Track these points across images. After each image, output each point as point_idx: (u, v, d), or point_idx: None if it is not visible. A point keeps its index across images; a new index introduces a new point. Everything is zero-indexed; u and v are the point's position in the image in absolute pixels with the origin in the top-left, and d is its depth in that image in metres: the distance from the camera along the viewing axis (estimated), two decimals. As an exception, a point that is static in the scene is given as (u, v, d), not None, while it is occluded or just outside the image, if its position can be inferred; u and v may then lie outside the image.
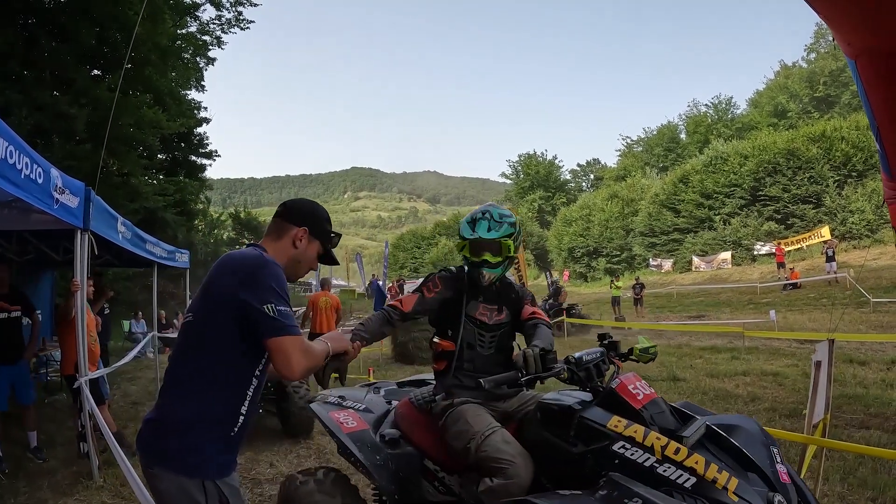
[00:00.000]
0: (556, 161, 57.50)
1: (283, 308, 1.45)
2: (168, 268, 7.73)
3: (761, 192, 29.09)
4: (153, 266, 7.25)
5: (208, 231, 27.98)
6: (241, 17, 20.69)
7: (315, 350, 1.55)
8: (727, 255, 29.39)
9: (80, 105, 13.22)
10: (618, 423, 1.69)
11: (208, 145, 23.41)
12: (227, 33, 21.13)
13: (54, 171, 3.40)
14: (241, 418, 1.52)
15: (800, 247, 25.82)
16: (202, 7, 20.00)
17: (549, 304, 15.61)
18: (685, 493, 1.46)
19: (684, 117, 49.90)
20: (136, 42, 13.37)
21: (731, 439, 1.69)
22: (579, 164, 68.79)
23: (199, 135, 22.99)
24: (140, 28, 12.91)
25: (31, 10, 13.36)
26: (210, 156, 23.47)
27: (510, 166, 59.78)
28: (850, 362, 7.41)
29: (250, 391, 1.53)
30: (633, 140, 55.74)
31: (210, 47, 21.27)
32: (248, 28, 21.00)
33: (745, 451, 1.64)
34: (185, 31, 19.74)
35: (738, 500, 1.43)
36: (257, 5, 20.67)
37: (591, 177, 63.13)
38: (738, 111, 47.41)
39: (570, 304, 15.95)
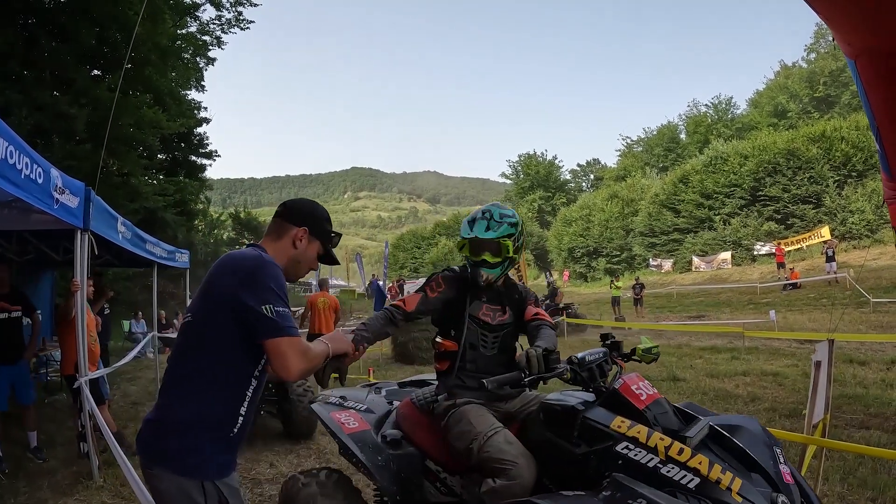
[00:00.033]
0: (556, 161, 57.50)
1: (281, 309, 1.44)
2: (168, 268, 7.73)
3: (761, 192, 29.08)
4: (153, 266, 7.25)
5: (208, 231, 27.99)
6: (241, 17, 20.75)
7: (314, 351, 1.53)
8: (727, 255, 29.38)
9: (80, 105, 13.22)
10: (621, 423, 1.69)
11: (208, 145, 23.50)
12: (227, 33, 21.21)
13: (54, 171, 3.39)
14: (241, 419, 1.51)
15: (800, 247, 25.83)
16: (202, 7, 20.07)
17: (545, 305, 15.65)
18: (689, 494, 1.45)
19: (684, 117, 49.94)
20: (136, 42, 13.38)
21: (734, 440, 1.69)
22: (579, 164, 68.91)
23: (199, 135, 23.05)
24: (140, 28, 12.91)
25: (31, 10, 13.37)
26: (210, 156, 23.52)
27: (510, 166, 59.81)
28: (850, 362, 7.41)
29: (249, 392, 1.53)
30: (633, 140, 55.77)
31: (210, 47, 21.35)
32: (248, 28, 21.07)
33: (749, 452, 1.64)
34: (185, 31, 19.76)
35: (741, 500, 1.43)
36: (257, 5, 20.71)
37: (591, 177, 63.10)
38: (738, 111, 47.44)
39: (565, 303, 16.02)
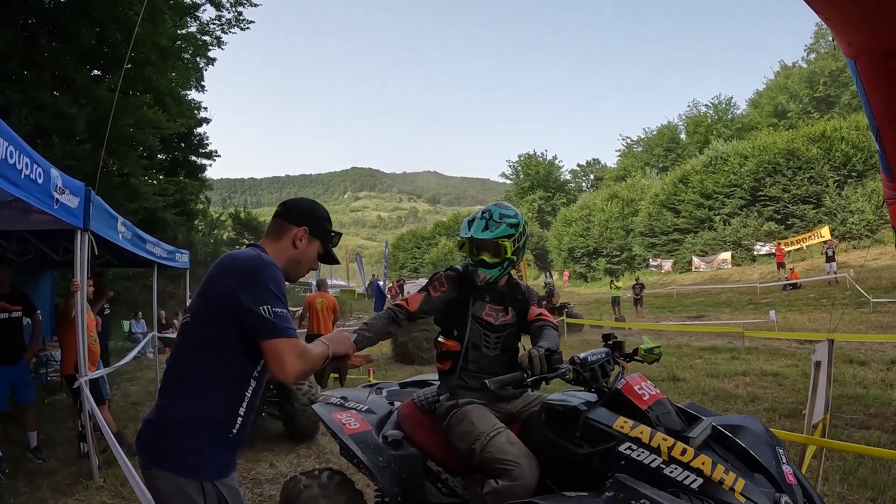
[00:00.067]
0: (556, 161, 57.39)
1: (279, 310, 1.43)
2: (168, 268, 7.72)
3: (761, 193, 29.08)
4: (153, 266, 7.24)
5: (208, 231, 27.94)
6: (241, 18, 20.70)
7: (312, 353, 1.52)
8: (727, 255, 29.38)
9: (80, 105, 13.21)
10: (624, 423, 1.68)
11: (208, 145, 23.43)
12: (227, 33, 21.15)
13: (54, 171, 3.39)
14: (240, 419, 1.50)
15: (800, 247, 25.83)
16: (202, 7, 20.02)
17: (542, 305, 15.72)
18: (692, 495, 1.45)
19: (684, 117, 49.90)
20: (136, 42, 13.37)
21: (736, 440, 1.69)
22: (579, 165, 68.85)
23: (199, 135, 22.99)
24: (140, 28, 12.90)
25: (31, 10, 13.36)
26: (210, 156, 23.46)
27: (510, 166, 59.75)
28: (850, 362, 7.42)
29: (249, 392, 1.52)
30: (633, 140, 55.71)
31: (210, 47, 21.28)
32: (248, 28, 21.01)
33: (752, 452, 1.64)
34: (185, 32, 19.73)
35: (744, 500, 1.43)
36: (257, 5, 20.68)
37: (591, 177, 63.06)
38: (738, 111, 47.38)
39: (562, 303, 16.07)
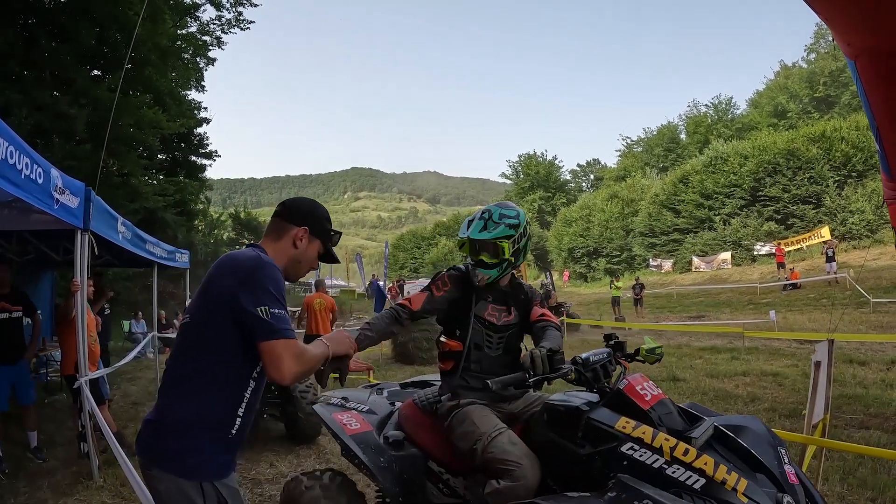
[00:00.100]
0: (556, 161, 57.31)
1: (277, 311, 1.42)
2: (168, 268, 7.72)
3: (761, 193, 29.08)
4: (153, 266, 7.25)
5: (208, 231, 27.92)
6: (241, 18, 20.70)
7: (310, 354, 1.51)
8: (727, 255, 29.38)
9: (80, 105, 13.21)
10: (626, 424, 1.68)
11: (208, 145, 23.43)
12: (227, 33, 21.15)
13: (54, 172, 3.38)
14: (239, 420, 1.50)
15: (800, 247, 25.83)
16: (202, 7, 20.02)
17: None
18: (694, 495, 1.45)
19: (684, 117, 49.87)
20: (137, 42, 13.36)
21: (738, 440, 1.68)
22: (579, 165, 68.76)
23: (199, 135, 22.99)
24: (140, 28, 12.90)
25: (31, 10, 13.36)
26: (210, 156, 23.46)
27: (510, 166, 59.59)
28: (850, 362, 7.42)
29: (248, 393, 1.52)
30: (633, 140, 55.66)
31: (210, 47, 21.28)
32: (248, 28, 21.02)
33: (754, 452, 1.64)
34: (185, 32, 19.73)
35: (747, 501, 1.43)
36: (257, 5, 20.68)
37: (591, 177, 63.00)
38: (738, 111, 47.34)
39: (558, 302, 16.07)
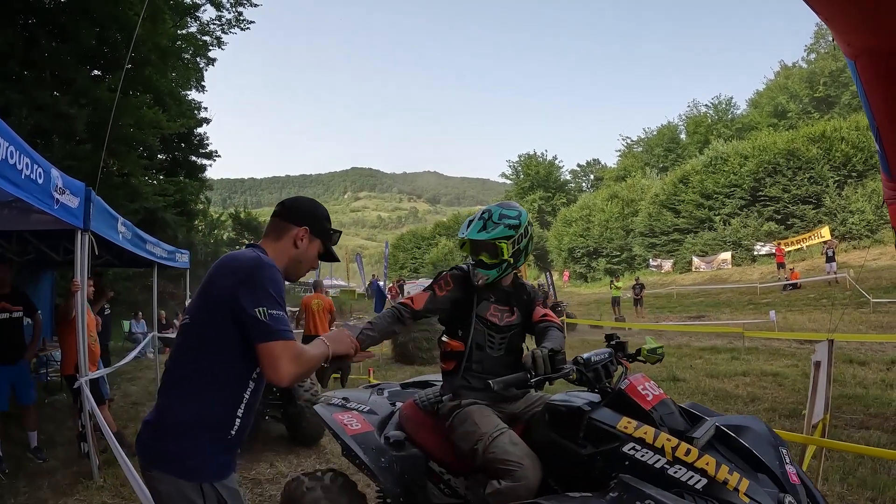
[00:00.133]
0: (556, 161, 57.23)
1: (275, 312, 1.41)
2: (168, 268, 7.72)
3: (761, 193, 29.09)
4: (153, 266, 7.25)
5: (208, 231, 27.90)
6: (241, 18, 20.68)
7: (308, 355, 1.49)
8: (727, 255, 29.39)
9: (80, 105, 13.21)
10: (627, 424, 1.68)
11: (208, 145, 23.41)
12: (227, 33, 21.13)
13: (54, 172, 3.38)
14: (238, 420, 1.50)
15: (800, 247, 25.84)
16: (202, 7, 20.01)
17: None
18: (696, 495, 1.45)
19: (684, 117, 49.84)
20: (137, 42, 13.35)
21: (740, 440, 1.68)
22: (579, 165, 68.69)
23: (199, 135, 22.98)
24: (140, 28, 12.88)
25: (31, 10, 13.35)
26: (210, 156, 23.45)
27: (510, 166, 59.51)
28: (850, 362, 7.42)
29: (247, 394, 1.51)
30: (633, 140, 55.64)
31: (210, 47, 21.27)
32: (248, 28, 21.00)
33: (755, 452, 1.64)
34: (185, 32, 19.72)
35: (748, 501, 1.43)
36: (257, 5, 20.67)
37: (591, 177, 62.96)
38: (738, 111, 47.33)
39: (554, 302, 16.07)
